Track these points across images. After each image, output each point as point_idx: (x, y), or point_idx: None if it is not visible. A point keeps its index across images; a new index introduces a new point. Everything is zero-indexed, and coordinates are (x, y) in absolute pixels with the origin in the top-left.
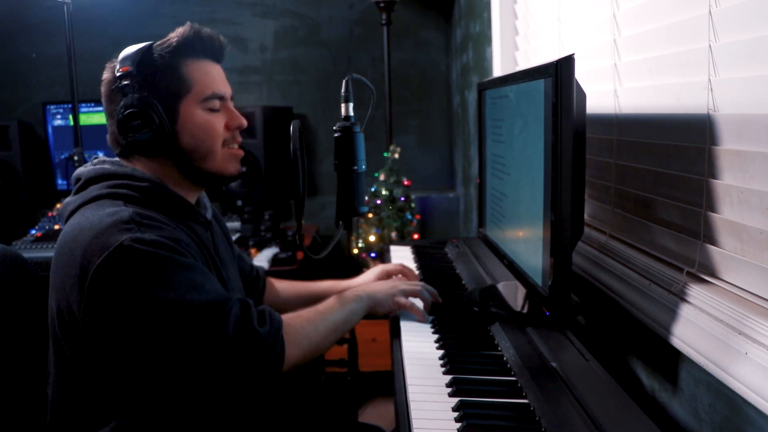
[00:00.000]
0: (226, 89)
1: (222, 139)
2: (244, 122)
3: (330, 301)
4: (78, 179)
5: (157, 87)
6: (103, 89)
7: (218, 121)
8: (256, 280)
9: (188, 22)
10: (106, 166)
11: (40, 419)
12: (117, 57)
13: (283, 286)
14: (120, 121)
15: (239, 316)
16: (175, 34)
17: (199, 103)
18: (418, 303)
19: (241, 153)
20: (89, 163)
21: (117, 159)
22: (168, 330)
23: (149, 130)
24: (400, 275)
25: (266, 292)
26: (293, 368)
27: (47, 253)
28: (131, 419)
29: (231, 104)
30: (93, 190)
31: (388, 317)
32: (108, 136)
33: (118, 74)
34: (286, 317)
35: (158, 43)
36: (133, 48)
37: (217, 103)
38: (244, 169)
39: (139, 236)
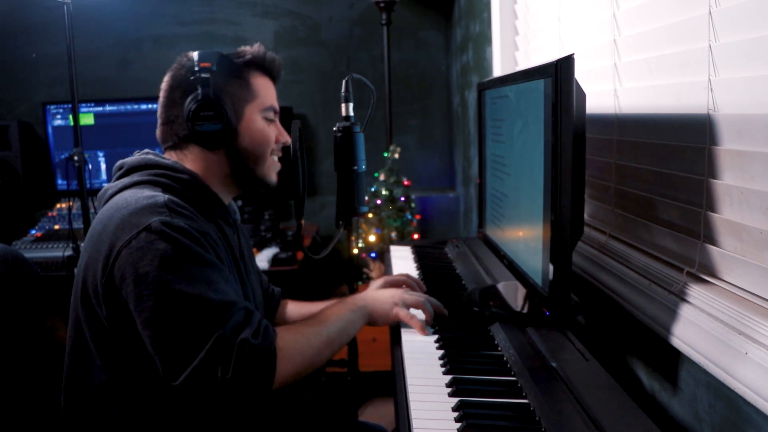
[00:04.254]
0: (278, 105)
1: (271, 149)
2: (289, 140)
3: (327, 312)
4: (120, 167)
5: (229, 88)
6: (170, 81)
7: (272, 132)
8: (270, 297)
9: (258, 43)
10: (150, 156)
11: (41, 417)
12: (186, 57)
13: (292, 308)
14: (194, 109)
15: (239, 323)
16: (247, 50)
17: (261, 111)
18: (420, 314)
19: (280, 165)
20: (133, 155)
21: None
22: (171, 318)
23: (220, 123)
24: (404, 286)
25: (278, 313)
26: (286, 384)
27: (47, 253)
28: (137, 409)
29: (278, 120)
30: (134, 176)
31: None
32: (160, 129)
33: (197, 68)
34: (281, 330)
35: (230, 53)
36: (207, 51)
37: (272, 115)
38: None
39: (168, 220)
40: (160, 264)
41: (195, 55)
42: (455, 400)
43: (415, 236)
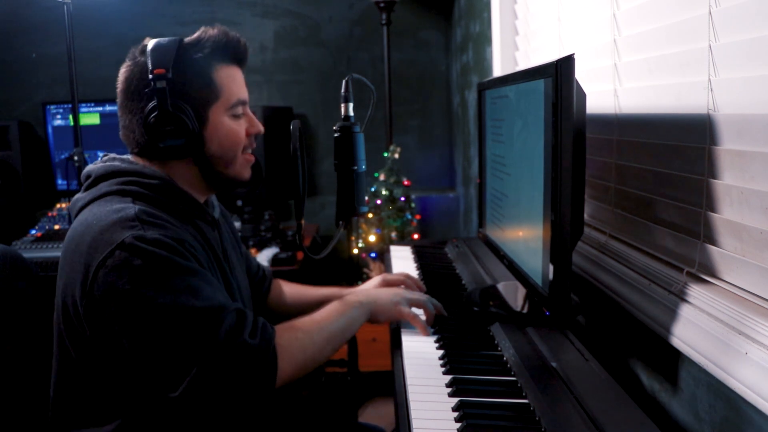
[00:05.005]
0: (246, 94)
1: (243, 146)
2: (262, 129)
3: (328, 308)
4: (88, 176)
5: (189, 92)
6: (123, 84)
7: (242, 128)
8: (261, 280)
9: (217, 25)
10: (116, 163)
11: (41, 418)
12: (139, 50)
13: (290, 290)
14: (151, 124)
15: (233, 326)
16: (207, 37)
17: (227, 109)
18: (421, 314)
19: (253, 159)
20: (99, 160)
21: (127, 156)
22: (160, 332)
23: (182, 136)
24: (402, 286)
25: (272, 295)
26: (289, 382)
27: (47, 253)
28: (133, 419)
29: (248, 108)
30: (102, 187)
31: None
32: (122, 132)
33: (151, 75)
34: (280, 328)
35: (189, 42)
36: (162, 44)
37: (240, 109)
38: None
39: (141, 234)
40: (139, 281)
41: (149, 55)
42: (455, 400)
43: (415, 236)
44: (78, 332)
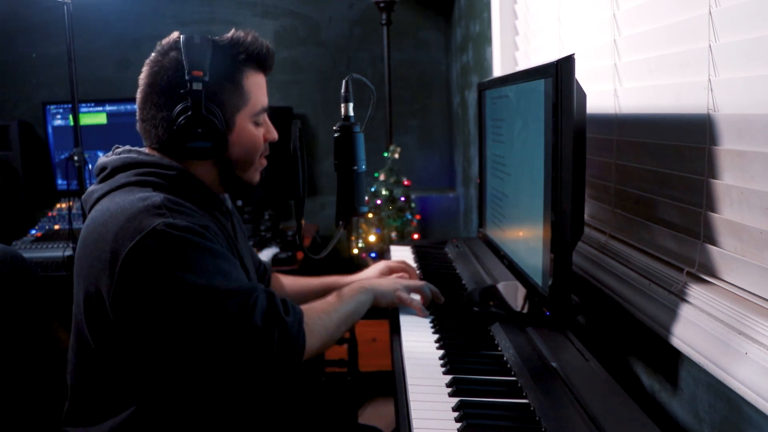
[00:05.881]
0: (267, 102)
1: (260, 153)
2: (276, 136)
3: (338, 294)
4: (103, 168)
5: (221, 96)
6: (152, 77)
7: (261, 134)
8: (263, 274)
9: (248, 30)
10: (133, 155)
11: (42, 415)
12: (169, 45)
13: (288, 282)
14: (181, 124)
15: (266, 304)
16: (241, 43)
17: (252, 116)
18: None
19: (265, 163)
20: (112, 153)
21: (142, 148)
22: (197, 315)
23: (210, 140)
24: (403, 273)
25: (272, 288)
26: (311, 358)
27: (47, 253)
28: (147, 408)
29: (266, 116)
30: (121, 178)
31: (388, 313)
32: (141, 125)
33: (188, 76)
34: (303, 308)
35: (222, 44)
36: (196, 43)
37: (262, 118)
38: None
39: (171, 221)
40: (174, 266)
41: (183, 53)
42: (455, 400)
43: (415, 236)
44: (100, 321)
